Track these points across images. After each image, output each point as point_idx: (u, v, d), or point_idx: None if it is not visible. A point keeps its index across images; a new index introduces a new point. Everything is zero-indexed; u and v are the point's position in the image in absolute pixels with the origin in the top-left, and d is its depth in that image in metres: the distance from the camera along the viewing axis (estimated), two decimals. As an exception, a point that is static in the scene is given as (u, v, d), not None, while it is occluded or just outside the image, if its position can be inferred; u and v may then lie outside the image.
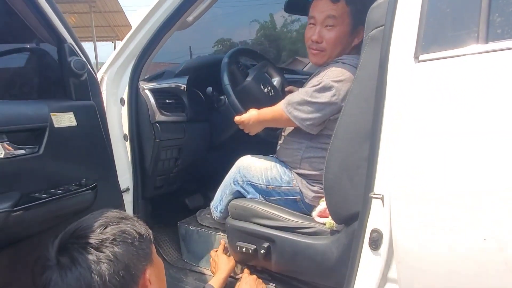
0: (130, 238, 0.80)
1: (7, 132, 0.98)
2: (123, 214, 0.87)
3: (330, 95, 1.28)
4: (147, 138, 1.64)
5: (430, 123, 0.80)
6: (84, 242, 0.76)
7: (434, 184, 0.79)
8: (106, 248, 0.76)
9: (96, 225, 0.79)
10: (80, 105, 1.23)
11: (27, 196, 1.00)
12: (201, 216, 1.80)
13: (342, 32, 1.34)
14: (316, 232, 1.32)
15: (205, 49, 9.57)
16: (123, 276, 0.76)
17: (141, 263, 0.81)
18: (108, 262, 0.75)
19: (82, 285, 0.73)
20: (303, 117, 1.32)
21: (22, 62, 1.38)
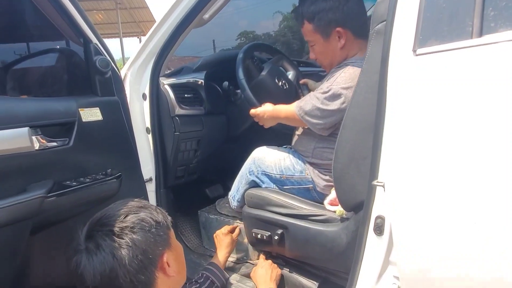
0: (148, 225, 0.88)
1: (41, 126, 1.08)
2: (142, 203, 0.95)
3: (339, 102, 1.33)
4: (167, 131, 1.73)
5: (428, 115, 0.84)
6: (107, 229, 0.86)
7: (432, 172, 0.83)
8: (126, 235, 0.85)
9: (117, 214, 0.88)
10: (105, 101, 1.32)
11: (59, 184, 1.11)
12: (220, 205, 1.88)
13: (319, 46, 1.45)
14: (327, 220, 1.37)
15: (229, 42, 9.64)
16: (141, 260, 0.85)
17: (158, 248, 0.89)
18: (128, 247, 0.84)
19: (105, 267, 0.82)
20: (314, 122, 1.38)
21: (53, 61, 1.49)
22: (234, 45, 10.48)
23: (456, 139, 0.79)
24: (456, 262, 0.81)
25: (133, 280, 0.84)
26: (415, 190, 0.86)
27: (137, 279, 0.84)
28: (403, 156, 0.88)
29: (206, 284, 1.42)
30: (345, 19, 1.36)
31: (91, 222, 0.90)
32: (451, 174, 0.79)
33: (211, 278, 1.44)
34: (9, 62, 1.61)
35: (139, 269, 0.85)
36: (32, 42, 1.70)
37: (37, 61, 1.57)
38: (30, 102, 1.13)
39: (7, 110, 1.01)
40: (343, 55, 1.42)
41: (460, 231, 0.79)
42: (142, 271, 0.85)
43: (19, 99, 1.15)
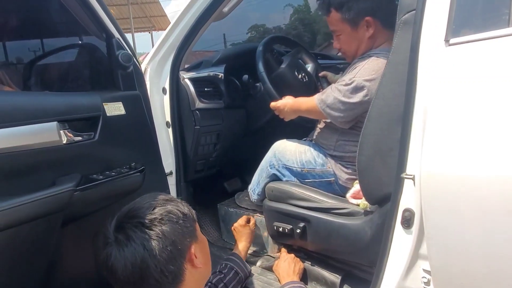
0: (175, 217, 0.89)
1: (68, 120, 1.09)
2: (168, 196, 0.96)
3: (362, 95, 1.31)
4: (187, 125, 1.74)
5: (461, 107, 0.82)
6: (136, 221, 0.86)
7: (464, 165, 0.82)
8: (155, 226, 0.86)
9: (146, 206, 0.89)
10: (128, 95, 1.33)
11: (86, 177, 1.12)
12: (239, 198, 1.89)
13: (347, 35, 1.42)
14: (350, 213, 1.36)
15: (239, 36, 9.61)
16: (171, 250, 0.85)
17: (186, 239, 0.90)
18: (158, 238, 0.84)
19: (137, 258, 0.83)
20: (335, 115, 1.37)
21: (75, 56, 1.51)
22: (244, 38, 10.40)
23: (492, 132, 0.77)
24: (491, 257, 0.80)
25: (164, 270, 0.84)
26: (449, 183, 0.84)
27: (167, 269, 0.85)
28: (435, 148, 0.87)
29: (231, 274, 1.43)
30: (376, 8, 1.34)
31: (120, 214, 0.90)
32: (487, 167, 0.78)
33: (235, 269, 1.45)
34: (32, 58, 1.64)
35: (169, 259, 0.85)
36: (54, 37, 1.72)
37: (60, 56, 1.59)
38: (58, 97, 1.15)
39: (37, 105, 1.02)
40: (369, 45, 1.40)
41: (496, 225, 0.77)
42: (172, 261, 0.86)
43: (47, 94, 1.17)
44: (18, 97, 1.05)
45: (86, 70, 1.49)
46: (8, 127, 0.92)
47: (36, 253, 0.95)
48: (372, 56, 1.35)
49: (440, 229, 0.87)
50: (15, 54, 1.76)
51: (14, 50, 1.75)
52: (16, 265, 0.90)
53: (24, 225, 0.88)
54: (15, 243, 0.87)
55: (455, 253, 0.85)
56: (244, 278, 1.47)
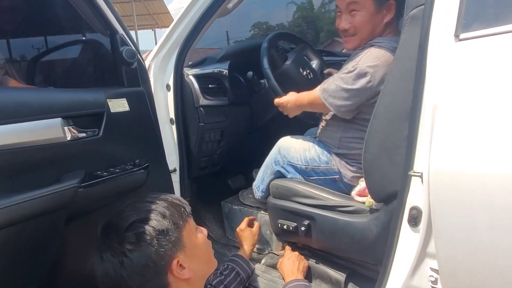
0: (149, 238, 0.84)
1: (72, 117, 1.08)
2: (153, 203, 0.90)
3: (365, 81, 1.28)
4: (191, 122, 1.73)
5: (470, 102, 0.81)
6: (109, 243, 0.85)
7: (473, 163, 0.81)
8: (124, 254, 0.83)
9: (120, 225, 0.85)
10: (132, 92, 1.32)
11: (90, 174, 1.11)
12: (243, 195, 1.88)
13: (367, 14, 1.34)
14: (355, 211, 1.35)
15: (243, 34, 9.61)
16: (144, 275, 0.83)
17: (164, 259, 0.85)
18: (127, 266, 0.82)
19: (111, 276, 0.83)
20: (338, 104, 1.34)
21: (81, 53, 1.50)
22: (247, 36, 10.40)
23: (502, 130, 0.76)
24: (500, 255, 0.79)
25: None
26: (459, 181, 0.83)
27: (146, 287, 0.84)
28: (445, 146, 0.85)
29: (231, 275, 1.41)
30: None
31: (102, 225, 0.89)
32: (497, 165, 0.76)
33: (236, 270, 1.43)
34: (36, 54, 1.63)
35: (141, 283, 0.83)
36: (58, 33, 1.71)
37: (64, 52, 1.58)
38: (62, 93, 1.14)
39: (42, 101, 1.02)
40: (381, 32, 1.37)
41: (506, 223, 0.76)
42: (147, 284, 0.84)
43: (52, 90, 1.16)
44: (22, 93, 1.05)
45: (90, 67, 1.49)
46: (13, 123, 0.92)
47: (41, 249, 0.95)
48: (373, 45, 1.33)
49: (448, 227, 0.86)
50: (20, 51, 1.76)
51: (19, 47, 1.74)
52: (21, 262, 0.90)
53: (29, 221, 0.87)
54: (20, 240, 0.87)
55: (463, 251, 0.84)
56: (246, 278, 1.46)
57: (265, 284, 1.49)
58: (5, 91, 1.04)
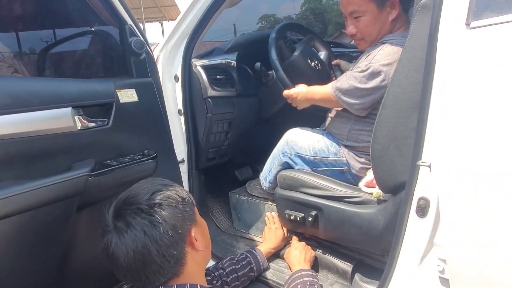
0: (174, 202, 0.88)
1: (82, 106, 1.10)
2: (165, 181, 0.95)
3: (379, 80, 1.28)
4: (200, 113, 1.73)
5: (482, 93, 0.80)
6: (135, 208, 0.85)
7: (483, 153, 0.80)
8: (155, 212, 0.85)
9: (143, 192, 0.88)
10: (140, 82, 1.33)
11: (100, 163, 1.13)
12: (251, 186, 1.89)
13: (371, 17, 1.34)
14: (362, 201, 1.35)
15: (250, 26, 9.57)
16: (172, 235, 0.85)
17: (186, 224, 0.90)
18: (158, 224, 0.84)
19: (138, 244, 0.82)
20: (352, 102, 1.34)
21: (90, 43, 1.51)
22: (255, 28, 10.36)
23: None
24: (509, 245, 0.78)
25: (165, 255, 0.85)
26: (467, 172, 0.82)
27: (169, 253, 0.85)
28: (454, 136, 0.85)
29: (246, 269, 1.42)
30: None
31: (117, 202, 0.89)
32: (507, 155, 0.76)
33: (251, 266, 1.45)
34: (46, 46, 1.65)
35: (170, 244, 0.85)
36: (67, 25, 1.72)
37: (73, 43, 1.60)
38: (72, 83, 1.15)
39: (52, 91, 1.03)
40: (390, 29, 1.36)
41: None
42: (173, 246, 0.86)
43: (62, 80, 1.17)
44: (33, 83, 1.06)
45: (99, 57, 1.50)
46: (25, 112, 0.94)
47: (53, 236, 0.97)
48: (385, 43, 1.32)
49: (457, 218, 0.86)
50: (29, 43, 1.77)
51: (28, 39, 1.76)
52: (34, 248, 0.92)
53: (42, 208, 0.89)
54: (33, 226, 0.89)
55: (472, 241, 0.84)
56: (256, 275, 1.47)
57: (272, 274, 1.51)
58: (18, 81, 1.05)
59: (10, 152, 0.89)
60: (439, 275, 0.97)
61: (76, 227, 1.09)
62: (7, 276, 0.88)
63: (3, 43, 1.67)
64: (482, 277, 0.84)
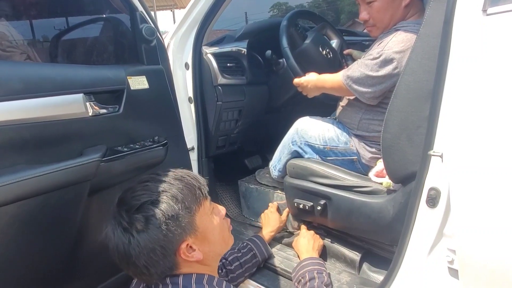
0: (158, 223, 0.80)
1: (94, 93, 1.11)
2: (164, 186, 0.85)
3: (391, 68, 1.26)
4: (210, 100, 1.73)
5: (497, 80, 0.78)
6: (119, 217, 0.82)
7: (497, 143, 0.79)
8: (132, 235, 0.80)
9: (132, 204, 0.82)
10: (151, 69, 1.33)
11: (111, 149, 1.14)
12: (260, 175, 1.89)
13: (383, 2, 1.32)
14: (372, 191, 1.35)
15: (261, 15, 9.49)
16: (151, 257, 0.81)
17: (172, 242, 0.82)
18: (135, 245, 0.80)
19: (121, 251, 0.81)
20: (363, 91, 1.32)
21: (101, 30, 1.51)
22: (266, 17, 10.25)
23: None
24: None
25: (149, 267, 0.82)
26: (480, 162, 0.81)
27: (153, 267, 0.82)
28: (467, 126, 0.83)
29: (248, 256, 1.43)
30: None
31: (117, 199, 0.87)
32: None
33: (254, 252, 1.46)
34: (58, 33, 1.66)
35: (149, 263, 0.82)
36: (79, 12, 1.73)
37: (85, 30, 1.60)
38: (84, 69, 1.16)
39: (64, 77, 1.04)
40: (403, 16, 1.33)
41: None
42: (155, 264, 0.82)
43: (73, 66, 1.18)
44: (45, 68, 1.07)
45: (110, 44, 1.50)
46: (37, 97, 0.95)
47: (65, 219, 0.99)
48: (399, 30, 1.29)
49: (468, 208, 0.84)
50: (42, 31, 1.78)
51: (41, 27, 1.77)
52: (47, 230, 0.94)
53: (54, 192, 0.91)
54: (46, 209, 0.91)
55: (483, 232, 0.83)
56: (261, 261, 1.48)
57: (280, 262, 1.52)
58: (30, 66, 1.06)
59: (24, 137, 0.91)
60: (448, 265, 0.96)
61: (88, 212, 1.11)
62: (21, 257, 0.91)
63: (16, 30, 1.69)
64: (492, 268, 0.84)
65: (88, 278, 1.18)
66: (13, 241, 0.86)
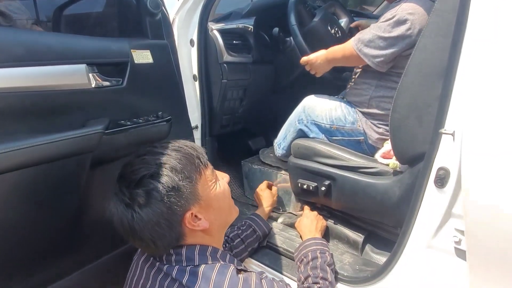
0: (159, 196, 0.79)
1: (97, 64, 1.08)
2: (162, 158, 0.83)
3: (404, 28, 1.22)
4: (215, 78, 1.70)
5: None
6: (121, 196, 0.81)
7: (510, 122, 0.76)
8: (134, 210, 0.79)
9: (133, 179, 0.80)
10: (156, 44, 1.30)
11: (114, 122, 1.12)
12: (264, 154, 1.87)
13: None
14: (378, 172, 1.33)
15: (268, -4, 9.29)
16: (156, 230, 0.80)
17: (175, 214, 0.81)
18: (139, 220, 0.79)
19: (124, 224, 0.81)
20: (374, 54, 1.29)
21: (104, 2, 1.48)
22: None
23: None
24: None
25: (155, 240, 0.81)
26: (493, 141, 0.79)
27: (158, 238, 0.81)
28: (481, 104, 0.81)
29: (248, 231, 1.44)
30: None
31: (118, 174, 0.85)
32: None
33: (253, 227, 1.46)
34: (60, 5, 1.62)
35: (155, 236, 0.81)
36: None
37: (88, 2, 1.56)
38: (87, 40, 1.13)
39: (67, 46, 1.01)
40: None
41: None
42: (160, 236, 0.81)
43: (77, 37, 1.15)
44: (48, 37, 1.05)
45: (114, 17, 1.46)
46: (39, 65, 0.92)
47: (67, 190, 0.98)
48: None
49: (481, 188, 0.82)
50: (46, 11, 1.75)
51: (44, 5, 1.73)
52: (49, 200, 0.93)
53: (56, 162, 0.89)
54: (48, 179, 0.90)
55: (494, 212, 0.81)
56: (262, 236, 1.48)
57: (282, 242, 1.51)
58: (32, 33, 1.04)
59: (25, 105, 0.88)
60: (455, 246, 0.95)
61: (90, 185, 1.10)
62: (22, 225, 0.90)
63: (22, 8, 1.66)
64: (502, 248, 0.82)
65: (91, 250, 1.18)
66: (14, 209, 0.85)
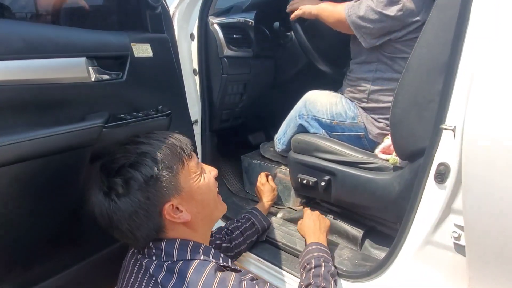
0: (137, 185, 0.79)
1: (96, 57, 1.07)
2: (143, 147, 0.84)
3: (396, 9, 1.24)
4: (215, 72, 1.69)
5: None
6: (100, 184, 0.82)
7: None
8: (111, 199, 0.79)
9: (112, 167, 0.82)
10: (156, 37, 1.29)
11: (114, 116, 1.12)
12: (264, 148, 1.87)
13: None
14: (378, 168, 1.33)
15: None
16: (133, 219, 0.79)
17: (153, 205, 0.80)
18: (116, 210, 0.79)
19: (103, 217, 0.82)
20: (361, 24, 1.30)
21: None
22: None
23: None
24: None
25: (133, 232, 0.81)
26: (494, 137, 0.78)
27: (136, 232, 0.81)
28: (483, 99, 0.80)
29: (247, 224, 1.44)
30: None
31: (100, 163, 0.86)
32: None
33: (252, 220, 1.46)
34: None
35: (132, 227, 0.80)
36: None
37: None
38: (86, 33, 1.12)
39: (66, 39, 1.01)
40: None
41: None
42: (137, 228, 0.81)
43: (76, 29, 1.14)
44: (47, 29, 1.04)
45: (114, 10, 1.45)
46: (38, 58, 0.92)
47: (67, 184, 0.97)
48: None
49: (480, 183, 0.82)
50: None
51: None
52: (47, 194, 0.93)
53: (55, 156, 0.89)
54: (47, 172, 0.89)
55: (494, 208, 0.81)
56: (261, 230, 1.47)
57: (282, 236, 1.51)
58: (31, 26, 1.03)
59: (24, 98, 0.88)
60: (454, 241, 0.95)
61: (90, 179, 1.09)
62: (22, 218, 0.90)
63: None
64: (502, 243, 0.82)
65: (91, 244, 1.18)
66: (13, 202, 0.85)
